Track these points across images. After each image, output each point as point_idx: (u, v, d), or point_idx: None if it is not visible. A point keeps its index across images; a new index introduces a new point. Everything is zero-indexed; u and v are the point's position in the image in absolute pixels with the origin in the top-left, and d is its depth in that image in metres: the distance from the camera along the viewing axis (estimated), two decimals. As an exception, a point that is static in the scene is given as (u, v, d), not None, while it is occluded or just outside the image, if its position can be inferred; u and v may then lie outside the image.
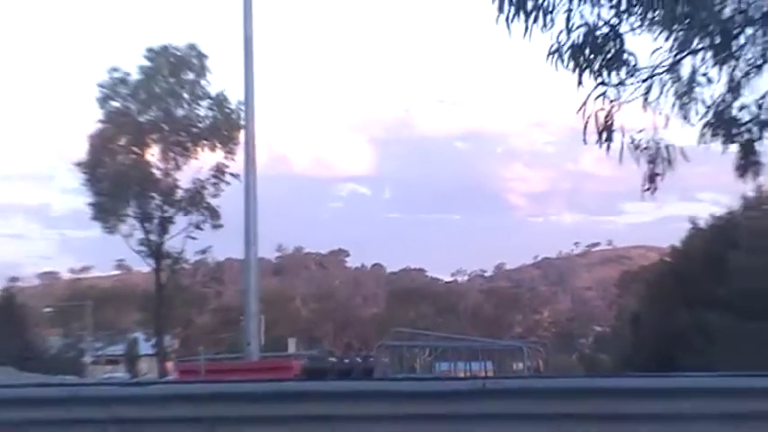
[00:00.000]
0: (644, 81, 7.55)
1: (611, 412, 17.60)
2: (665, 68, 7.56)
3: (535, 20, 7.43)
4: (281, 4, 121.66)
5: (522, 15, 7.40)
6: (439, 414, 18.51)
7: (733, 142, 7.63)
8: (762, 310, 26.46)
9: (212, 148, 47.55)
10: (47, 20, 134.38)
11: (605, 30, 7.54)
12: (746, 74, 7.59)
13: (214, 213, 47.65)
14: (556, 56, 7.54)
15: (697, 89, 7.55)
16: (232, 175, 44.99)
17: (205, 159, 48.07)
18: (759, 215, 32.95)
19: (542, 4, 7.46)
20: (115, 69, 48.80)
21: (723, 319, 28.11)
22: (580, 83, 7.55)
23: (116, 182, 47.12)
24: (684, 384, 18.75)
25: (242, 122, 34.70)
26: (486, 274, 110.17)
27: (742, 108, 7.59)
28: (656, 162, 7.67)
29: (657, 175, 7.71)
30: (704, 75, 7.59)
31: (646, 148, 7.64)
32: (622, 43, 7.56)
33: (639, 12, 7.54)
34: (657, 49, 7.57)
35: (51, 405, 20.43)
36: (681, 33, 7.59)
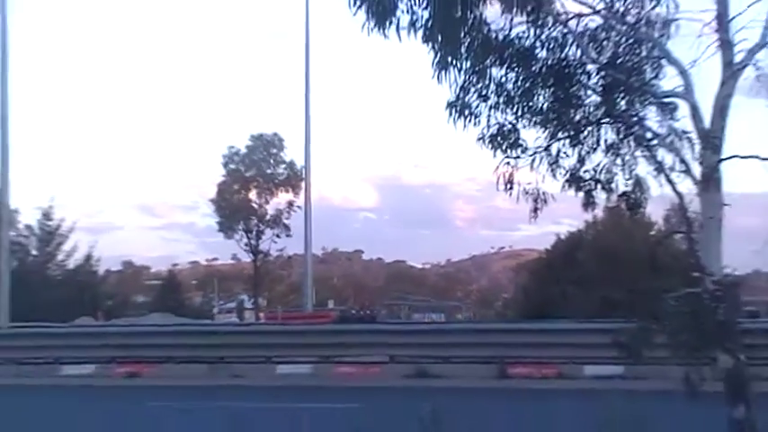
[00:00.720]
0: (531, 156, 7.55)
1: (513, 342, 17.48)
2: (542, 149, 7.57)
3: (469, 121, 7.44)
4: (326, 107, 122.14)
5: (462, 119, 7.41)
6: (414, 342, 18.46)
7: (580, 191, 7.61)
8: (595, 285, 26.66)
9: (286, 192, 47.79)
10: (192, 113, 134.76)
11: (509, 126, 7.55)
12: (588, 153, 7.61)
13: (287, 228, 47.71)
14: (481, 141, 7.55)
15: (560, 161, 7.56)
16: (298, 206, 44.97)
17: (282, 198, 48.35)
18: (594, 232, 33.18)
19: (473, 112, 7.48)
20: (232, 147, 49.52)
21: (574, 290, 28.26)
22: (494, 155, 7.55)
23: (232, 210, 47.46)
24: (554, 326, 18.73)
25: (303, 177, 34.88)
26: (441, 264, 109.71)
27: (585, 172, 7.58)
28: (537, 202, 7.64)
29: (537, 209, 7.68)
30: (565, 153, 7.60)
31: (531, 194, 7.62)
32: (518, 134, 7.57)
33: (528, 117, 7.58)
34: (538, 137, 7.60)
35: (194, 335, 20.33)
36: (550, 129, 7.62)
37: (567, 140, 7.51)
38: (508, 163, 7.66)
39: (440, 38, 7.26)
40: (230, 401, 13.10)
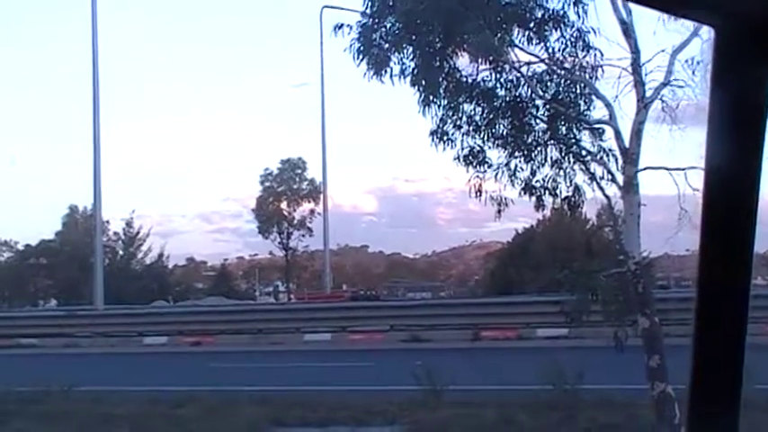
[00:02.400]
0: (494, 170, 7.52)
1: (483, 312, 17.33)
2: (503, 165, 7.53)
3: (447, 144, 7.42)
4: (338, 136, 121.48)
5: (441, 143, 7.39)
6: (408, 315, 18.34)
7: (532, 196, 7.59)
8: (544, 268, 26.29)
9: (309, 202, 47.14)
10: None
11: (477, 148, 7.53)
12: (538, 167, 7.57)
13: (310, 230, 47.24)
14: (456, 159, 7.52)
15: (517, 174, 7.53)
16: (317, 213, 44.57)
17: (306, 207, 47.64)
18: (544, 228, 32.58)
19: (450, 138, 7.45)
20: (267, 169, 48.54)
21: (529, 272, 27.98)
22: (467, 171, 7.52)
23: (268, 217, 46.98)
24: (515, 300, 18.58)
25: (321, 191, 34.95)
26: (428, 254, 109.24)
27: (536, 181, 7.56)
28: (500, 205, 7.61)
29: (500, 210, 7.65)
30: (520, 167, 7.57)
31: (495, 199, 7.59)
32: (485, 154, 7.54)
33: (492, 141, 7.55)
34: (500, 156, 7.56)
35: (240, 313, 20.20)
36: (509, 149, 7.58)
37: (522, 158, 7.52)
38: (477, 176, 7.69)
39: (423, 82, 7.29)
40: (268, 362, 13.06)
